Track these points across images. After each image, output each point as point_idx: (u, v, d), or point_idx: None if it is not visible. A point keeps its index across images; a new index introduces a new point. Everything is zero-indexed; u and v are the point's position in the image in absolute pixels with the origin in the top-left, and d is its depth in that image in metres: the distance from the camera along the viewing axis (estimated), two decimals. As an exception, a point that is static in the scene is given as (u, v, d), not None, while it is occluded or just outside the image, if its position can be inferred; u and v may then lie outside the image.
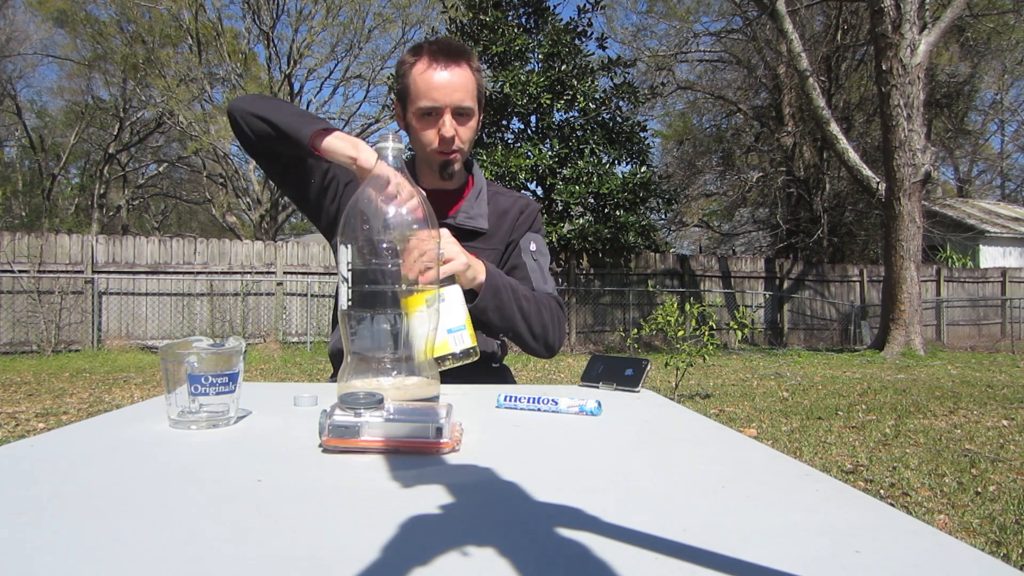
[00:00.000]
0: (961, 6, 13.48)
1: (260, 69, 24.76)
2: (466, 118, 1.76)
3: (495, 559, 0.55)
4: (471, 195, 1.88)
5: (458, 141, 1.75)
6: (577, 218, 15.12)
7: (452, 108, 1.71)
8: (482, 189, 1.91)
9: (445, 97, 1.70)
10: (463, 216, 1.84)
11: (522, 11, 15.27)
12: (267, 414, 1.15)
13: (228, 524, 0.63)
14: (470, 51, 1.81)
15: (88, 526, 0.62)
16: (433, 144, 1.75)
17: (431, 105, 1.70)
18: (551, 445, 0.98)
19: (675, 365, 7.05)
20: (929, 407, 6.69)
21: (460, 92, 1.71)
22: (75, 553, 0.56)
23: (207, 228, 32.12)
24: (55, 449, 0.90)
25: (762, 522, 0.65)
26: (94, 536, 0.60)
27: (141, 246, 12.76)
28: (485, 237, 1.86)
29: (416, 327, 1.21)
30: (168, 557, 0.56)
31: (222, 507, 0.68)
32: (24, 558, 0.55)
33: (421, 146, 1.79)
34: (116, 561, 0.55)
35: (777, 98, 24.52)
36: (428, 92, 1.70)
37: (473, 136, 1.82)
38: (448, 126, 1.71)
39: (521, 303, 1.71)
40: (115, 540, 0.59)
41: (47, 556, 0.55)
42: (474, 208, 1.86)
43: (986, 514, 3.42)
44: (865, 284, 18.77)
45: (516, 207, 1.94)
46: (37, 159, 28.37)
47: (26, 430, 5.31)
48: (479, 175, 1.95)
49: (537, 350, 1.80)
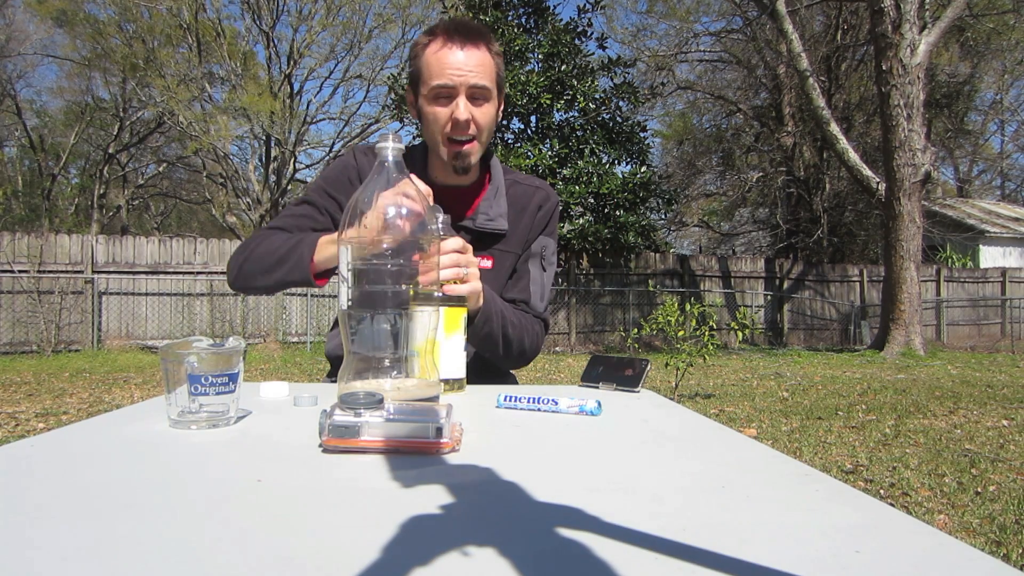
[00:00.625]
0: (961, 6, 13.49)
1: (259, 68, 24.74)
2: (483, 102, 1.62)
3: (496, 559, 0.55)
4: (489, 193, 1.75)
5: (474, 127, 1.61)
6: (577, 218, 15.14)
7: (467, 89, 1.58)
8: (500, 185, 1.78)
9: (460, 77, 1.57)
10: (482, 218, 1.72)
11: (522, 11, 15.29)
12: (267, 414, 1.15)
13: (229, 524, 0.63)
14: (489, 33, 1.68)
15: (89, 526, 0.62)
16: (445, 129, 1.62)
17: (444, 84, 1.57)
18: (551, 445, 0.98)
19: (675, 365, 7.06)
20: (929, 407, 6.70)
21: (477, 72, 1.58)
22: (76, 554, 0.56)
23: (207, 228, 32.08)
24: (55, 449, 0.90)
25: (763, 522, 0.65)
26: (95, 536, 0.60)
27: (141, 246, 12.76)
28: (504, 239, 1.76)
29: (417, 328, 1.22)
30: (169, 558, 0.56)
31: (223, 507, 0.68)
32: (25, 559, 0.55)
33: (432, 133, 1.65)
34: (118, 562, 0.55)
35: (777, 98, 24.54)
36: (442, 71, 1.57)
37: (491, 125, 1.68)
38: (462, 108, 1.58)
39: (507, 331, 1.64)
40: (116, 540, 0.59)
41: (48, 556, 0.55)
42: (493, 208, 1.74)
43: (986, 514, 3.42)
44: (865, 284, 18.79)
45: (534, 202, 1.81)
46: (37, 159, 28.37)
47: (26, 430, 5.31)
48: (497, 169, 1.81)
49: (504, 367, 1.77)
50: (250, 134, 24.16)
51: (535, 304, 1.78)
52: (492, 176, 1.79)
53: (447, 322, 1.35)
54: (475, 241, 1.70)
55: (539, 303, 1.79)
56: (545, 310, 1.82)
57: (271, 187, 22.81)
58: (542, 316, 1.80)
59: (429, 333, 1.27)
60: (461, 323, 1.39)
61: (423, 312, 1.25)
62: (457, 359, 1.38)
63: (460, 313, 1.38)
